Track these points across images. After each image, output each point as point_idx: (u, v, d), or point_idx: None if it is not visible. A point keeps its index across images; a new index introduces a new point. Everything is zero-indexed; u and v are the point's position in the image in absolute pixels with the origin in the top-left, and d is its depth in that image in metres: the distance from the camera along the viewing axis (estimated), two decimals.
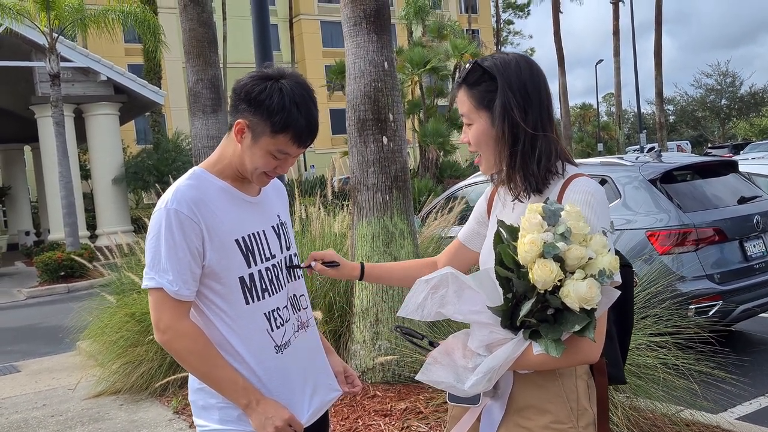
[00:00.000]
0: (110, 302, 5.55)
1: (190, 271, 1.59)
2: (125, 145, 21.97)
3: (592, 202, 1.47)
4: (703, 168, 5.70)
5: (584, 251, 1.35)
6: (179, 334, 1.60)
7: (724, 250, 5.04)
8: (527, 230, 1.38)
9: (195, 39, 6.34)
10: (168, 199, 1.61)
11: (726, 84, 55.22)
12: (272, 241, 1.74)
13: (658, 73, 28.89)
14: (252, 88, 1.60)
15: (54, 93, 13.94)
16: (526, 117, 1.52)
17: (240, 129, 1.62)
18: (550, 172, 1.54)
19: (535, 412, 1.51)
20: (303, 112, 1.60)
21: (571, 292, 1.32)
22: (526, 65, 1.56)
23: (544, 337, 1.36)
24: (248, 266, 1.65)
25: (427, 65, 20.78)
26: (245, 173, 1.67)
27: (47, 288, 13.02)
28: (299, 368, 1.74)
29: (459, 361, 1.52)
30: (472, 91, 1.57)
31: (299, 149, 1.64)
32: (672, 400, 3.37)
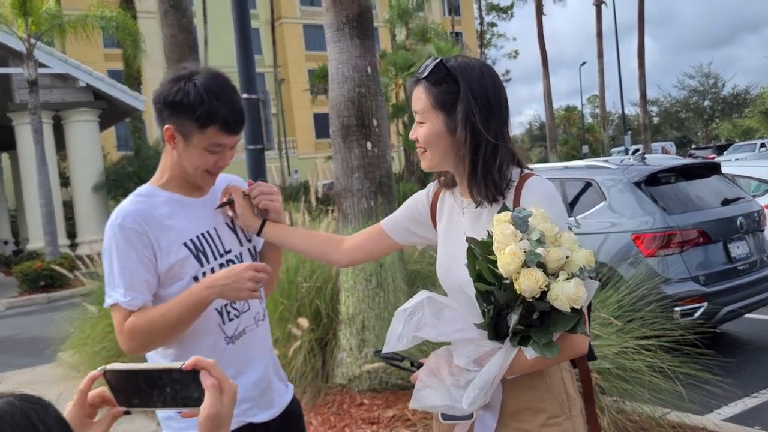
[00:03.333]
0: (92, 312, 5.47)
1: (144, 281, 1.62)
2: (105, 152, 21.77)
3: (551, 201, 1.49)
4: (687, 170, 5.73)
5: (561, 252, 1.36)
6: (126, 334, 1.61)
7: (708, 252, 5.06)
8: (503, 242, 1.36)
9: (176, 44, 6.28)
10: (113, 216, 1.66)
11: (709, 85, 55.91)
12: (225, 237, 1.76)
13: (641, 75, 29.19)
14: (168, 92, 1.64)
15: (32, 100, 13.77)
16: (488, 125, 1.51)
17: (170, 135, 1.65)
18: (506, 180, 1.54)
19: (530, 414, 1.53)
20: (223, 100, 1.62)
21: (560, 295, 1.32)
22: (489, 73, 1.55)
23: (537, 342, 1.36)
24: (201, 265, 1.68)
25: (411, 68, 20.83)
26: (189, 177, 1.70)
27: (27, 298, 12.84)
28: (257, 354, 1.76)
29: (447, 380, 1.49)
30: (431, 90, 1.54)
31: (231, 137, 1.66)
32: (658, 403, 3.37)
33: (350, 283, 4.28)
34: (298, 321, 4.11)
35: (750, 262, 5.26)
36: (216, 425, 0.97)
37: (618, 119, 57.82)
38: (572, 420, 1.54)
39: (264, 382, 1.78)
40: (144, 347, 1.66)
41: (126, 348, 1.63)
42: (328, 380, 4.29)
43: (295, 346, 4.12)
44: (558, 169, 6.00)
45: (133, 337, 1.61)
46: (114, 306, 1.62)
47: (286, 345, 4.19)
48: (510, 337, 1.41)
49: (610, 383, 3.21)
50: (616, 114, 58.69)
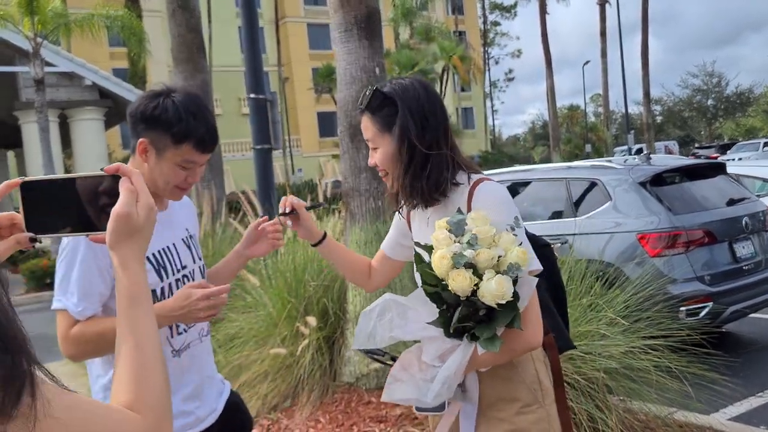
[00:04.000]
0: None
1: (98, 293, 1.64)
2: (110, 150, 21.84)
3: (495, 203, 1.59)
4: (692, 170, 5.75)
5: (492, 252, 1.44)
6: (71, 342, 1.63)
7: (713, 252, 5.08)
8: (437, 246, 1.47)
9: (184, 44, 6.32)
10: None
11: (712, 84, 55.78)
12: (183, 252, 1.81)
13: (645, 74, 29.15)
14: (146, 107, 1.67)
15: (38, 98, 13.83)
16: (423, 137, 1.62)
17: (143, 148, 1.68)
18: (441, 185, 1.63)
19: (505, 403, 1.64)
20: (200, 119, 1.67)
21: (485, 292, 1.41)
22: (422, 88, 1.67)
23: (480, 336, 1.46)
24: (161, 280, 1.71)
25: (415, 67, 20.86)
26: (158, 191, 1.72)
27: (34, 296, 12.90)
28: (198, 368, 1.83)
29: (417, 374, 1.59)
30: (374, 117, 1.66)
31: (203, 156, 1.71)
32: (665, 402, 3.39)
33: None
34: (306, 319, 4.14)
35: (755, 262, 5.28)
36: (126, 227, 0.91)
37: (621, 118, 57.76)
38: (545, 408, 1.64)
39: (203, 392, 1.83)
40: (86, 355, 1.68)
41: (68, 354, 1.64)
42: (336, 378, 4.32)
43: (303, 345, 4.15)
44: (563, 169, 6.02)
45: (78, 345, 1.62)
46: (62, 311, 1.63)
47: (294, 343, 4.23)
48: (465, 335, 1.50)
49: (618, 382, 3.24)
50: (619, 113, 58.63)
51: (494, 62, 60.79)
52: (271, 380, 4.17)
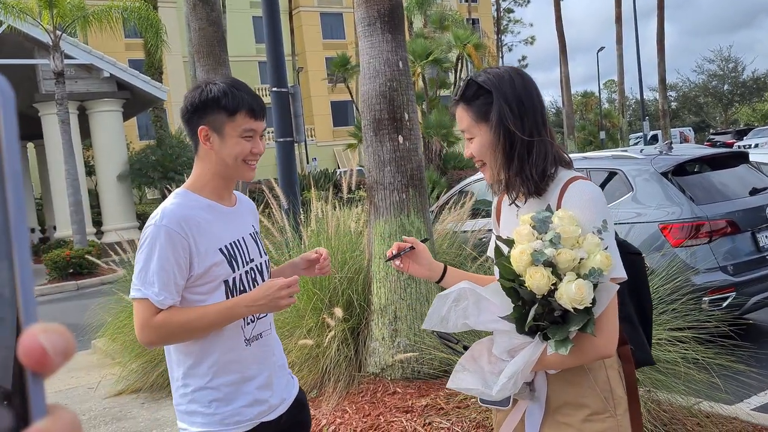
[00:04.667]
0: (127, 302, 5.60)
1: (174, 283, 1.72)
2: (128, 141, 21.98)
3: (585, 204, 1.54)
4: (714, 160, 5.72)
5: (574, 253, 1.41)
6: (153, 329, 1.71)
7: (736, 242, 5.08)
8: (519, 241, 1.46)
9: (205, 38, 6.35)
10: (158, 216, 1.76)
11: (728, 69, 55.09)
12: (251, 246, 1.89)
13: (660, 60, 28.80)
14: (193, 99, 1.79)
15: (59, 91, 13.96)
16: (522, 124, 1.60)
17: (204, 135, 1.78)
18: (546, 175, 1.60)
19: (572, 408, 1.58)
20: (244, 90, 1.79)
21: (563, 295, 1.39)
22: (518, 76, 1.65)
23: (552, 337, 1.44)
24: (233, 270, 1.80)
25: (430, 56, 20.75)
26: (229, 172, 1.82)
27: (57, 285, 13.09)
28: (269, 357, 1.90)
29: (485, 366, 1.58)
30: (469, 107, 1.65)
31: (258, 122, 1.80)
32: (691, 393, 3.41)
33: (382, 274, 4.36)
34: (333, 310, 4.19)
35: None
36: None
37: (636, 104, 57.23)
38: (616, 418, 1.57)
39: (275, 382, 1.91)
40: (165, 342, 1.79)
41: (146, 340, 1.73)
42: (361, 369, 4.38)
43: (329, 336, 4.21)
44: (583, 159, 6.01)
45: (159, 332, 1.71)
46: (143, 300, 1.71)
47: (321, 334, 4.29)
48: (538, 334, 1.48)
49: (645, 374, 3.26)
50: (633, 99, 58.09)
51: (507, 49, 60.39)
52: (297, 371, 4.24)
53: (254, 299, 1.71)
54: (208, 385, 1.80)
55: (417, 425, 3.66)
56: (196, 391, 1.81)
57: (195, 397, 1.81)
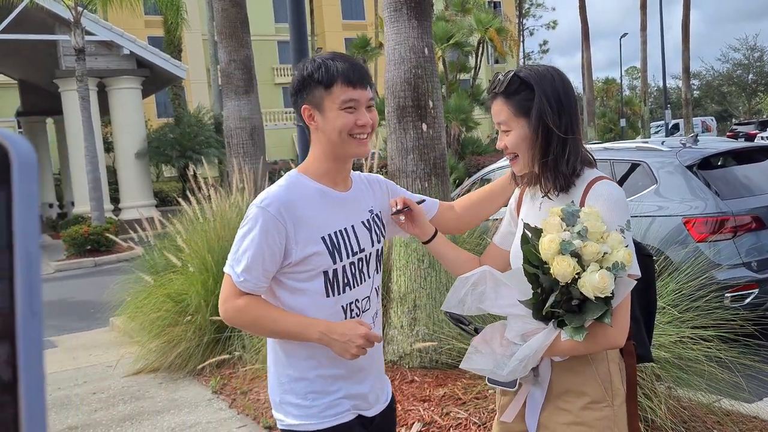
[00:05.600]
0: (147, 282, 5.64)
1: (261, 267, 1.69)
2: (146, 119, 22.07)
3: (610, 204, 1.63)
4: (740, 154, 5.64)
5: (600, 247, 1.50)
6: (231, 311, 1.72)
7: (761, 238, 5.00)
8: (548, 231, 1.54)
9: (227, 19, 6.32)
10: (262, 197, 1.72)
11: (754, 59, 54.16)
12: (362, 235, 1.80)
13: (685, 48, 28.35)
14: (294, 80, 1.75)
15: (79, 67, 14.00)
16: (559, 121, 1.67)
17: (308, 114, 1.72)
18: (575, 174, 1.69)
19: (573, 395, 1.68)
20: (338, 59, 1.71)
21: (587, 283, 1.47)
22: (558, 75, 1.72)
23: (569, 324, 1.52)
24: (333, 262, 1.72)
25: (451, 40, 20.56)
26: (338, 150, 1.73)
27: (75, 261, 13.22)
28: (371, 353, 1.79)
29: (497, 349, 1.66)
30: (510, 101, 1.70)
31: (358, 91, 1.70)
32: (714, 391, 3.38)
33: (402, 262, 4.35)
34: None
35: None
36: None
37: (657, 92, 56.52)
38: (613, 408, 1.67)
39: (374, 378, 1.86)
40: (240, 327, 1.81)
41: (224, 316, 1.73)
42: None
43: None
44: (607, 150, 5.94)
45: (236, 315, 1.72)
46: (228, 276, 1.72)
47: None
48: (552, 320, 1.56)
49: (667, 372, 3.24)
50: (655, 87, 57.35)
51: (529, 33, 59.73)
52: None
53: (330, 331, 1.64)
54: (304, 376, 1.76)
55: (434, 414, 3.67)
56: (292, 382, 1.78)
57: (291, 387, 1.78)
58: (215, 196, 5.77)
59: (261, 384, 4.54)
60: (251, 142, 6.61)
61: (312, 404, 1.75)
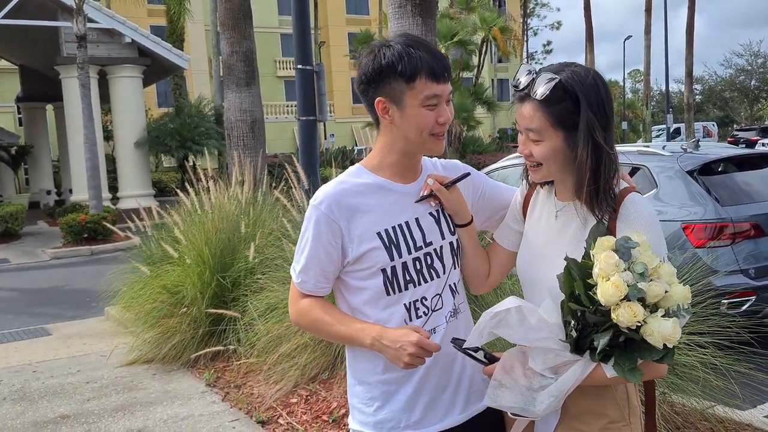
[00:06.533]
0: (143, 272, 5.62)
1: (318, 267, 1.65)
2: (147, 108, 22.03)
3: (652, 227, 1.49)
4: (741, 160, 5.63)
5: (661, 287, 1.36)
6: (295, 313, 1.72)
7: (759, 245, 4.99)
8: (605, 270, 1.37)
9: (230, 10, 6.29)
10: (316, 196, 1.66)
11: (757, 65, 54.17)
12: (429, 228, 1.67)
13: (689, 53, 28.31)
14: (366, 67, 1.59)
15: (80, 55, 13.95)
16: (606, 136, 1.51)
17: (383, 107, 1.59)
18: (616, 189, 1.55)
19: (591, 417, 1.58)
20: (421, 49, 1.56)
21: (655, 332, 1.33)
22: (602, 82, 1.53)
23: (621, 366, 1.38)
24: (391, 259, 1.61)
25: (455, 38, 20.53)
26: (415, 147, 1.62)
27: (71, 249, 13.20)
28: (443, 355, 1.65)
29: (521, 380, 1.52)
30: (549, 110, 1.51)
31: (440, 85, 1.56)
32: (708, 398, 3.38)
33: None
34: None
35: None
36: None
37: (659, 96, 56.49)
38: (630, 427, 1.59)
39: (445, 386, 1.69)
40: (305, 330, 1.80)
41: (292, 318, 1.74)
42: None
43: None
44: None
45: (299, 319, 1.72)
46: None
47: None
48: (590, 353, 1.44)
49: (662, 377, 3.22)
50: (657, 91, 57.34)
51: (533, 33, 59.67)
52: (310, 352, 4.24)
53: (382, 337, 1.54)
54: (367, 379, 1.68)
55: None
56: (357, 384, 1.71)
57: (356, 390, 1.71)
58: (214, 188, 5.75)
59: (255, 378, 4.53)
60: (252, 134, 6.60)
61: (373, 412, 1.67)
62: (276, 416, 3.99)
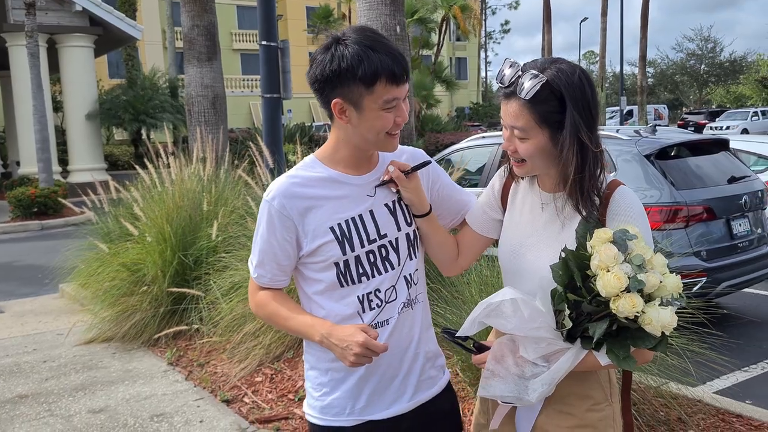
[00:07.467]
0: (101, 249, 5.50)
1: (274, 262, 1.66)
2: (98, 78, 21.37)
3: (636, 215, 1.53)
4: (696, 145, 5.79)
5: (657, 277, 1.39)
6: (253, 305, 1.75)
7: (711, 228, 5.17)
8: (605, 262, 1.40)
9: None
10: (268, 190, 1.65)
11: (707, 49, 55.59)
12: (383, 220, 1.66)
13: (643, 36, 28.86)
14: (324, 68, 1.53)
15: (29, 22, 13.42)
16: (591, 135, 1.51)
17: (340, 109, 1.55)
18: (602, 185, 1.57)
19: (576, 399, 1.63)
20: (380, 50, 1.51)
21: (654, 320, 1.36)
22: (587, 80, 1.53)
23: (616, 354, 1.42)
24: (343, 253, 1.61)
25: (415, 15, 20.44)
26: (371, 146, 1.62)
27: (20, 224, 12.82)
28: (393, 346, 1.66)
29: (512, 369, 1.55)
30: (534, 108, 1.51)
31: (400, 87, 1.53)
32: (661, 375, 3.51)
33: None
34: None
35: (750, 239, 5.39)
36: None
37: (613, 78, 57.47)
38: (612, 406, 1.65)
39: (397, 375, 1.70)
40: (264, 320, 1.80)
41: (252, 309, 1.77)
42: None
43: None
44: None
45: (257, 311, 1.75)
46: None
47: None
48: (582, 340, 1.47)
49: None
50: (610, 73, 58.30)
51: (491, 12, 59.79)
52: (275, 331, 4.23)
53: (330, 335, 1.54)
54: (318, 365, 1.70)
55: None
56: (310, 369, 1.73)
57: (309, 374, 1.73)
58: (174, 164, 5.64)
59: (218, 357, 4.52)
60: (213, 110, 6.48)
61: (320, 398, 1.70)
62: (241, 395, 3.99)
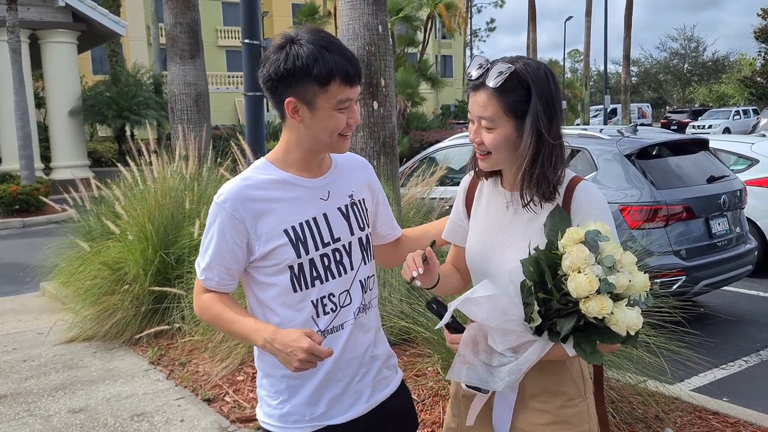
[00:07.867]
0: (82, 248, 5.47)
1: (222, 266, 1.62)
2: (81, 74, 21.18)
3: (601, 211, 1.56)
4: (677, 145, 5.85)
5: (626, 277, 1.40)
6: (197, 307, 1.71)
7: (690, 228, 5.24)
8: (577, 263, 1.40)
9: None
10: (219, 193, 1.62)
11: (690, 49, 56.09)
12: (336, 224, 1.67)
13: (627, 35, 29.05)
14: (278, 66, 1.53)
15: (11, 18, 13.28)
16: (551, 127, 1.56)
17: (293, 108, 1.55)
18: (561, 178, 1.60)
19: (550, 396, 1.64)
20: (335, 51, 1.52)
21: (620, 321, 1.38)
22: (551, 76, 1.59)
23: (583, 350, 1.44)
24: (298, 256, 1.60)
25: (400, 13, 20.43)
26: (323, 147, 1.62)
27: (1, 222, 12.68)
28: (349, 350, 1.68)
29: (481, 356, 1.57)
30: (502, 97, 1.55)
31: (354, 89, 1.55)
32: (638, 374, 3.55)
33: None
34: None
35: (728, 238, 5.46)
36: None
37: (597, 77, 57.84)
38: (587, 401, 1.66)
39: (353, 380, 1.70)
40: (208, 323, 1.74)
41: (196, 312, 1.72)
42: None
43: None
44: None
45: (201, 313, 1.70)
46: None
47: None
48: (549, 334, 1.49)
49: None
50: (594, 71, 58.68)
51: (477, 11, 59.92)
52: None
53: (274, 340, 1.50)
54: (273, 373, 1.67)
55: None
56: (264, 377, 1.70)
57: (263, 383, 1.71)
58: (156, 162, 5.62)
59: (200, 356, 4.51)
60: (196, 108, 6.44)
61: (277, 405, 1.68)
62: (222, 394, 3.99)
